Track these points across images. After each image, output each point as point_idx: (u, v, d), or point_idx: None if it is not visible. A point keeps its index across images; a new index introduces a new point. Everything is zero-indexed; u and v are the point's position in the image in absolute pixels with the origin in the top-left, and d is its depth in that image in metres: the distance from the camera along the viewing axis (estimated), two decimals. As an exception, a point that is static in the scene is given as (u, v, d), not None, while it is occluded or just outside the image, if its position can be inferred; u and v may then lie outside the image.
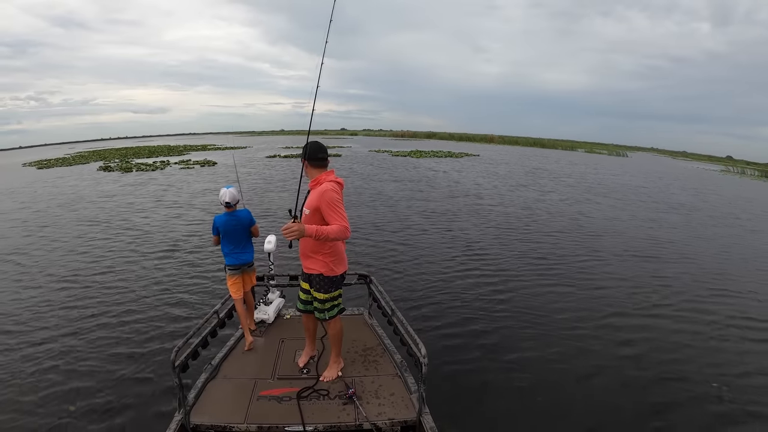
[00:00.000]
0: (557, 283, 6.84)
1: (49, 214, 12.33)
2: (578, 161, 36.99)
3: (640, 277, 7.29)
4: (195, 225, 10.54)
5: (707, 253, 9.04)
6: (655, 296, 6.43)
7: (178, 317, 5.43)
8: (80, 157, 39.34)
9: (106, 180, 20.31)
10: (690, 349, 4.93)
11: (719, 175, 34.95)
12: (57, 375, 4.21)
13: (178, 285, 6.52)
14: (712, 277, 7.38)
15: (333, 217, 2.76)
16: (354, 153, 37.34)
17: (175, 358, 2.66)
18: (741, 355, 4.82)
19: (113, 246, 8.73)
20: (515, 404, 3.87)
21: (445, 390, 3.90)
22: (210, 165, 27.01)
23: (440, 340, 4.91)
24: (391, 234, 9.63)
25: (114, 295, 6.17)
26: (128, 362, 4.42)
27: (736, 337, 5.26)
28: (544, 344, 4.92)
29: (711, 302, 6.27)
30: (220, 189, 3.82)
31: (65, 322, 5.33)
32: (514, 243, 9.20)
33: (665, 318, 5.71)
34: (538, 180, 20.82)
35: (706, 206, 15.55)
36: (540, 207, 13.50)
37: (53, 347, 4.74)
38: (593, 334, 5.22)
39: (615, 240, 9.74)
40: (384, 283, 5.74)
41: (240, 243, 3.83)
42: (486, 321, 5.46)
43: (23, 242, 9.25)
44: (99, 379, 4.14)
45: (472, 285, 6.65)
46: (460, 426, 3.52)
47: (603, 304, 6.09)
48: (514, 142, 67.18)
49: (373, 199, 14.05)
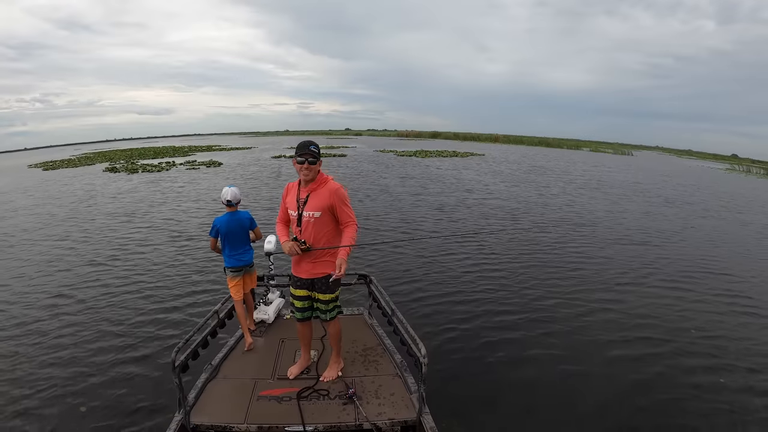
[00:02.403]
0: (559, 283, 6.79)
1: (45, 212, 12.43)
2: (586, 161, 36.75)
3: (645, 274, 7.22)
4: (196, 224, 10.57)
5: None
6: (669, 299, 6.35)
7: (178, 317, 5.43)
8: (86, 158, 39.63)
9: (113, 181, 20.44)
10: (698, 353, 4.87)
11: (725, 173, 34.56)
12: (57, 375, 4.21)
13: (178, 285, 6.53)
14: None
15: (347, 213, 2.93)
16: (359, 153, 37.35)
17: (175, 358, 2.66)
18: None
19: (114, 245, 8.77)
20: (516, 404, 3.85)
21: (445, 390, 3.88)
22: (215, 165, 27.10)
23: (440, 340, 4.89)
24: (391, 233, 9.61)
25: (114, 294, 6.19)
26: (128, 362, 4.43)
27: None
28: (545, 344, 4.89)
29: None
30: (223, 188, 3.83)
31: (64, 321, 5.35)
32: (516, 241, 9.16)
33: (667, 318, 5.66)
34: (542, 178, 20.70)
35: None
36: (542, 206, 13.42)
37: (52, 345, 4.77)
38: (598, 332, 5.19)
39: (622, 236, 9.66)
40: (384, 282, 5.73)
41: (241, 244, 3.81)
42: (486, 321, 5.43)
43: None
44: (99, 378, 4.14)
45: (475, 285, 6.62)
46: (460, 426, 3.50)
47: (607, 302, 6.06)
48: (519, 142, 66.98)
49: (375, 198, 14.06)
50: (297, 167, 2.89)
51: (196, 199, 14.55)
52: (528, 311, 5.72)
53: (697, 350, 4.84)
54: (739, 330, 5.37)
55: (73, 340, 4.89)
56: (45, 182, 21.65)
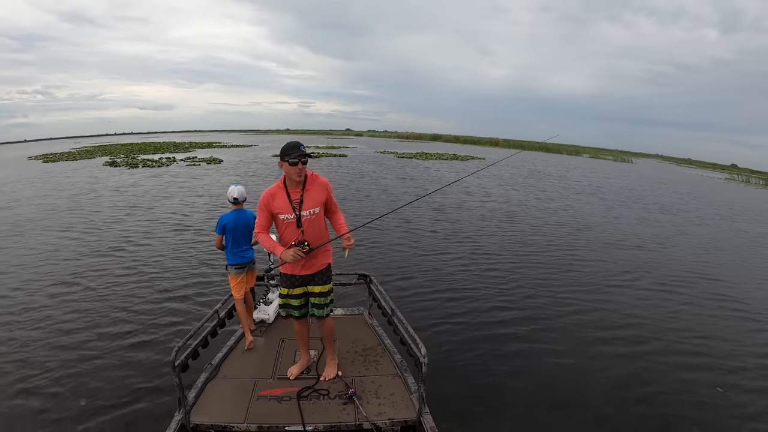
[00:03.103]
0: (560, 282, 6.84)
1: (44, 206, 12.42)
2: (585, 167, 36.82)
3: (645, 276, 7.25)
4: (195, 225, 10.54)
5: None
6: (668, 302, 6.40)
7: (178, 317, 5.42)
8: (86, 151, 39.57)
9: (112, 175, 20.40)
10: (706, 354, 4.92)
11: (724, 183, 34.65)
12: (56, 374, 4.19)
13: (178, 285, 6.51)
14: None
15: (335, 203, 3.07)
16: (360, 154, 37.38)
17: (175, 357, 2.65)
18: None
19: (114, 246, 8.73)
20: (516, 403, 3.87)
21: (446, 390, 3.89)
22: (216, 162, 27.09)
23: (441, 340, 4.91)
24: (391, 233, 9.62)
25: (113, 294, 6.16)
26: (128, 362, 4.42)
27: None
28: (546, 344, 4.92)
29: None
30: (229, 186, 3.85)
31: (63, 321, 5.34)
32: (517, 243, 9.20)
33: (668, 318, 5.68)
34: (541, 183, 20.74)
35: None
36: (543, 210, 13.43)
37: (51, 343, 4.76)
38: (597, 334, 5.24)
39: (625, 240, 9.71)
40: (384, 282, 5.74)
41: (244, 242, 3.84)
42: (487, 321, 5.46)
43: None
44: (99, 378, 4.13)
45: (473, 285, 6.65)
46: (460, 426, 3.51)
47: (607, 301, 6.17)
48: (519, 146, 66.90)
49: (376, 198, 14.09)
50: (289, 169, 2.79)
51: (201, 194, 14.61)
52: (528, 311, 5.76)
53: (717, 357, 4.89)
54: (727, 331, 5.50)
55: (71, 339, 4.88)
56: (46, 174, 21.65)
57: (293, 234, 2.88)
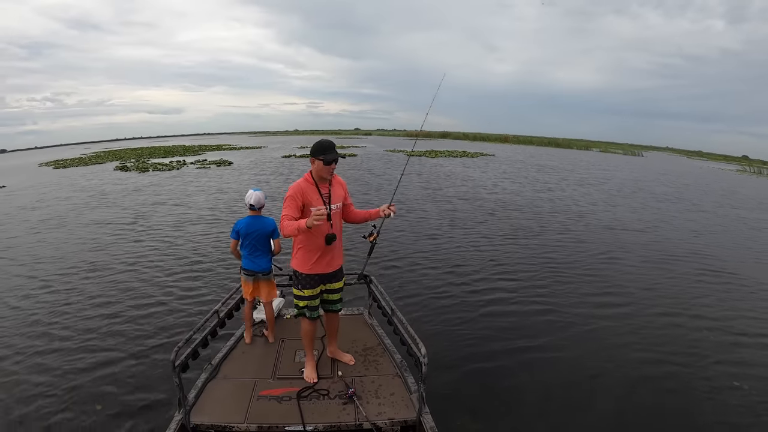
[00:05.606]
0: (561, 283, 6.73)
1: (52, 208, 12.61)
2: (600, 163, 36.38)
3: (654, 277, 7.12)
4: (195, 224, 10.63)
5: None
6: (672, 301, 6.27)
7: (179, 317, 5.45)
8: (96, 157, 40.10)
9: (124, 179, 20.69)
10: (708, 353, 4.80)
11: (736, 175, 33.81)
12: (55, 374, 4.23)
13: (178, 285, 6.55)
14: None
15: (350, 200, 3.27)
16: (369, 152, 37.39)
17: (175, 357, 2.66)
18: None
19: (114, 245, 8.82)
20: (516, 404, 3.83)
21: (445, 390, 3.86)
22: (226, 165, 27.26)
23: (441, 340, 4.87)
24: (391, 233, 9.54)
25: (112, 294, 6.21)
26: (128, 362, 4.44)
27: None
28: (546, 344, 4.86)
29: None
30: (247, 190, 3.78)
31: (61, 320, 5.40)
32: (518, 242, 9.09)
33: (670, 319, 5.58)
34: (550, 179, 20.52)
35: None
36: (547, 208, 13.29)
37: (51, 344, 4.81)
38: (600, 333, 5.14)
39: (631, 238, 9.55)
40: (384, 282, 5.71)
41: (258, 248, 3.71)
42: (487, 320, 5.40)
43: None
44: (99, 378, 4.15)
45: (473, 285, 6.58)
46: (460, 426, 3.48)
47: (611, 300, 6.06)
48: (529, 142, 66.51)
49: (376, 197, 14.06)
50: (323, 168, 2.91)
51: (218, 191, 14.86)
52: (528, 311, 5.68)
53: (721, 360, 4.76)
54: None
55: (71, 339, 4.93)
56: (62, 178, 22.13)
57: (324, 227, 2.98)
